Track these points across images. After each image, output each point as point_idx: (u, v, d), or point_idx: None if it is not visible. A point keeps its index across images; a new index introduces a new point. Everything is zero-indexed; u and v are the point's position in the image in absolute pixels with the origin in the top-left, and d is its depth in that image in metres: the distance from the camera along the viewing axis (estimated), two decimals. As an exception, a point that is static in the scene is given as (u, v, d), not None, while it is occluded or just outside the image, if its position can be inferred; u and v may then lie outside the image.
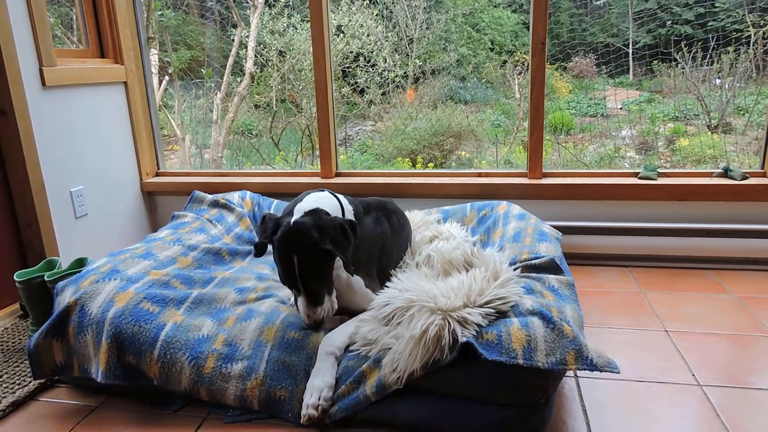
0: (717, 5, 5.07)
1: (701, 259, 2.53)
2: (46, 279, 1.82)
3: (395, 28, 5.16)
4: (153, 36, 4.26)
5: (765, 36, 4.46)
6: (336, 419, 1.43)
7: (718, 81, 4.81)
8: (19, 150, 2.23)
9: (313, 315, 1.53)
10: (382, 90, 5.17)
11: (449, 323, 1.40)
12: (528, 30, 2.54)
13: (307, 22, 4.14)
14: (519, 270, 1.78)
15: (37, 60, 2.31)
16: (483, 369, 1.35)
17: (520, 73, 5.18)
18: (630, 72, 5.57)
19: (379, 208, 1.96)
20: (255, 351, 1.54)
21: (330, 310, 1.59)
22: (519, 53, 5.49)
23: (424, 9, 5.27)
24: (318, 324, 1.55)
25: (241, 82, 4.70)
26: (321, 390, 1.44)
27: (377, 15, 5.02)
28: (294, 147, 5.11)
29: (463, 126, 5.00)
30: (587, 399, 1.55)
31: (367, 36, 4.97)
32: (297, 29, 4.85)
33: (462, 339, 1.36)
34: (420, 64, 5.26)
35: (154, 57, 4.23)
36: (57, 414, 1.57)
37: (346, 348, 1.55)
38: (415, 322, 1.43)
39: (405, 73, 5.23)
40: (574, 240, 2.58)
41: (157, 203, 3.07)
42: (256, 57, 4.69)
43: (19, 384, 1.69)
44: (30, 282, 1.84)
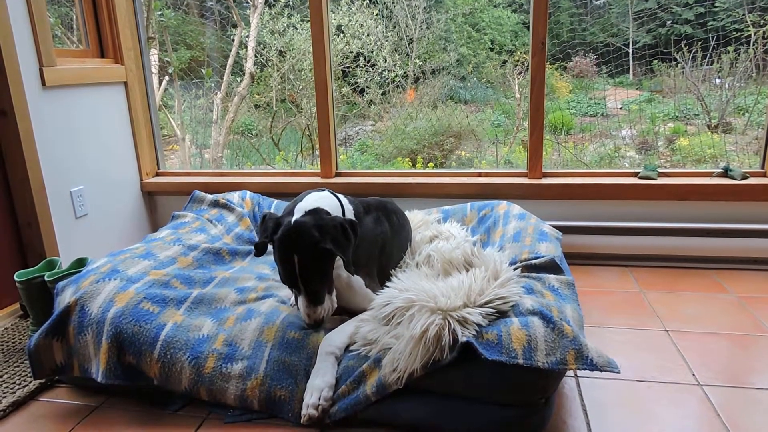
0: (717, 5, 5.07)
1: (701, 259, 2.53)
2: (46, 279, 1.82)
3: (395, 27, 5.16)
4: (153, 36, 4.26)
5: (765, 35, 4.46)
6: (336, 419, 1.43)
7: (718, 81, 4.81)
8: (19, 150, 2.23)
9: (314, 314, 1.53)
10: (382, 90, 5.17)
11: (449, 323, 1.40)
12: (528, 30, 2.54)
13: (307, 21, 4.14)
14: (519, 270, 1.78)
15: (37, 60, 2.31)
16: (483, 369, 1.35)
17: (520, 73, 5.18)
18: (630, 72, 5.57)
19: (379, 207, 1.96)
20: (255, 351, 1.54)
21: (330, 309, 1.59)
22: (519, 53, 5.49)
23: (424, 9, 5.27)
24: (318, 323, 1.55)
25: (241, 82, 4.70)
26: (321, 390, 1.44)
27: (377, 15, 5.02)
28: (294, 147, 5.11)
29: (463, 126, 5.00)
30: (587, 399, 1.55)
31: (367, 36, 4.97)
32: (297, 29, 4.85)
33: (462, 339, 1.36)
34: (420, 63, 5.26)
35: (154, 57, 4.23)
36: (57, 414, 1.57)
37: (346, 348, 1.55)
38: (416, 321, 1.43)
39: (405, 73, 5.23)
40: (574, 240, 2.58)
41: (157, 203, 3.07)
42: (256, 57, 4.69)
43: (20, 384, 1.69)
44: (30, 282, 1.84)
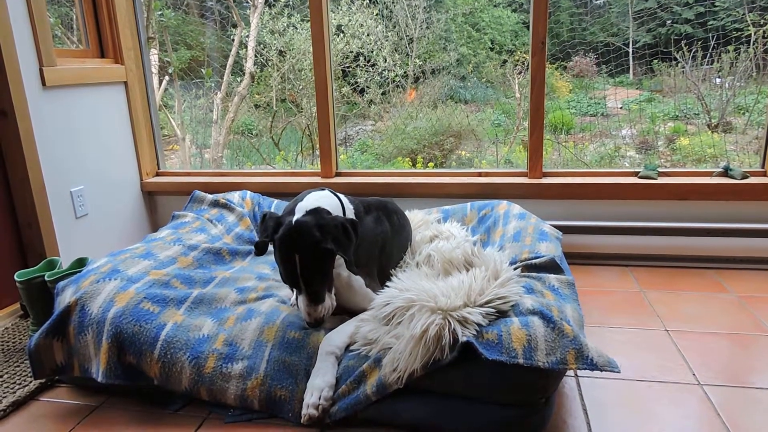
0: (717, 4, 5.07)
1: (701, 259, 2.53)
2: (46, 279, 1.82)
3: (395, 27, 5.16)
4: (153, 36, 4.26)
5: (765, 35, 4.46)
6: (336, 419, 1.43)
7: (718, 80, 4.81)
8: (20, 150, 2.23)
9: (314, 313, 1.53)
10: (382, 89, 5.17)
11: (449, 323, 1.40)
12: (528, 29, 2.54)
13: (307, 21, 4.14)
14: (519, 269, 1.78)
15: (37, 60, 2.31)
16: (483, 368, 1.35)
17: (520, 73, 5.18)
18: (630, 71, 5.58)
19: (380, 207, 1.96)
20: (255, 351, 1.54)
21: (330, 307, 1.59)
22: (519, 53, 5.49)
23: (424, 8, 5.27)
24: (319, 322, 1.55)
25: (241, 81, 4.70)
26: (321, 389, 1.44)
27: (377, 15, 5.02)
28: (294, 147, 5.12)
29: (464, 125, 5.00)
30: (587, 398, 1.55)
31: (367, 36, 4.97)
32: (297, 29, 4.85)
33: (462, 338, 1.36)
34: (420, 63, 5.26)
35: (154, 57, 4.23)
36: (57, 414, 1.57)
37: (346, 348, 1.55)
38: (416, 321, 1.43)
39: (405, 73, 5.23)
40: (574, 239, 2.58)
41: (158, 203, 3.07)
42: (256, 57, 4.69)
43: (20, 384, 1.69)
44: (30, 282, 1.84)
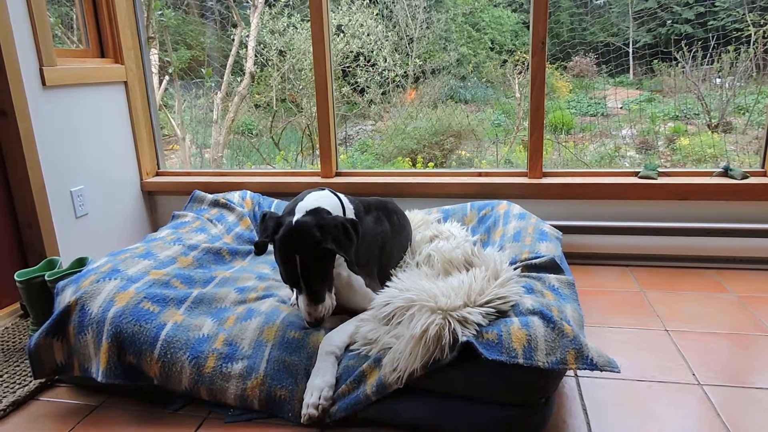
0: (717, 4, 5.07)
1: (701, 259, 2.53)
2: (46, 279, 1.82)
3: (395, 27, 5.16)
4: (153, 36, 4.26)
5: (765, 35, 4.46)
6: (336, 418, 1.43)
7: (718, 80, 4.81)
8: (20, 150, 2.23)
9: (315, 313, 1.53)
10: (382, 89, 5.17)
11: (449, 323, 1.40)
12: (528, 29, 2.53)
13: (307, 21, 4.14)
14: (519, 269, 1.78)
15: (38, 60, 2.31)
16: (483, 368, 1.35)
17: (520, 73, 5.18)
18: (630, 71, 5.58)
19: (380, 207, 1.96)
20: (255, 350, 1.54)
21: (330, 307, 1.59)
22: (519, 52, 5.49)
23: (424, 8, 5.27)
24: (319, 321, 1.55)
25: (242, 81, 4.70)
26: (321, 389, 1.44)
27: (377, 14, 5.02)
28: (294, 146, 5.12)
29: (464, 125, 5.00)
30: (587, 398, 1.55)
31: (367, 35, 4.97)
32: (297, 29, 4.85)
33: (462, 338, 1.36)
34: (420, 63, 5.26)
35: (154, 57, 4.23)
36: (57, 413, 1.57)
37: (346, 347, 1.55)
38: (416, 321, 1.43)
39: (405, 73, 5.23)
40: (574, 239, 2.58)
41: (158, 203, 3.07)
42: (256, 56, 4.69)
43: (20, 383, 1.69)
44: (30, 282, 1.84)
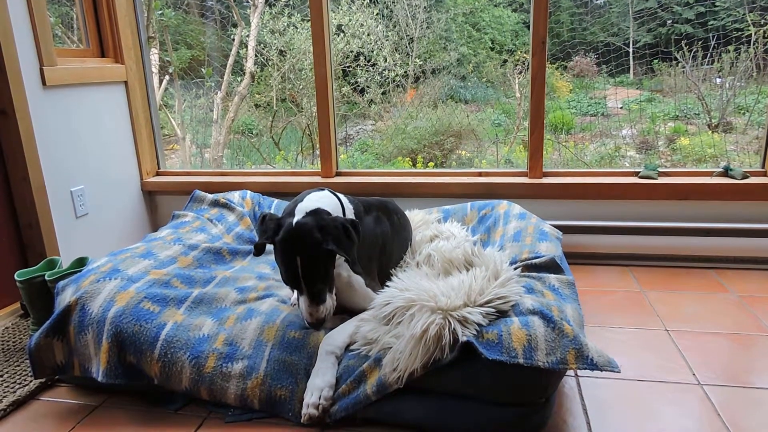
0: (717, 4, 5.07)
1: (702, 259, 2.53)
2: (46, 278, 1.82)
3: (395, 27, 5.15)
4: (153, 35, 4.26)
5: (765, 35, 4.46)
6: (336, 418, 1.43)
7: (718, 80, 4.81)
8: (20, 149, 2.23)
9: (316, 313, 1.53)
10: (382, 89, 5.17)
11: (450, 322, 1.40)
12: (528, 29, 2.53)
13: (308, 21, 4.14)
14: (519, 269, 1.78)
15: (38, 59, 2.31)
16: (483, 368, 1.35)
17: (520, 73, 5.18)
18: (630, 71, 5.57)
19: (380, 207, 1.96)
20: (255, 350, 1.54)
21: (331, 308, 1.59)
22: (519, 52, 5.49)
23: (424, 8, 5.27)
24: (320, 322, 1.55)
25: (242, 81, 4.70)
26: (321, 389, 1.44)
27: (377, 14, 5.02)
28: (294, 146, 5.11)
29: (464, 125, 5.00)
30: (588, 398, 1.55)
31: (368, 35, 4.97)
32: (297, 28, 4.85)
33: (462, 338, 1.36)
34: (420, 63, 5.26)
35: (154, 56, 4.23)
36: (58, 413, 1.57)
37: (346, 347, 1.55)
38: (416, 321, 1.43)
39: (405, 73, 5.22)
40: (574, 239, 2.58)
41: (158, 203, 3.07)
42: (256, 56, 4.69)
43: (20, 383, 1.69)
44: (31, 281, 1.84)
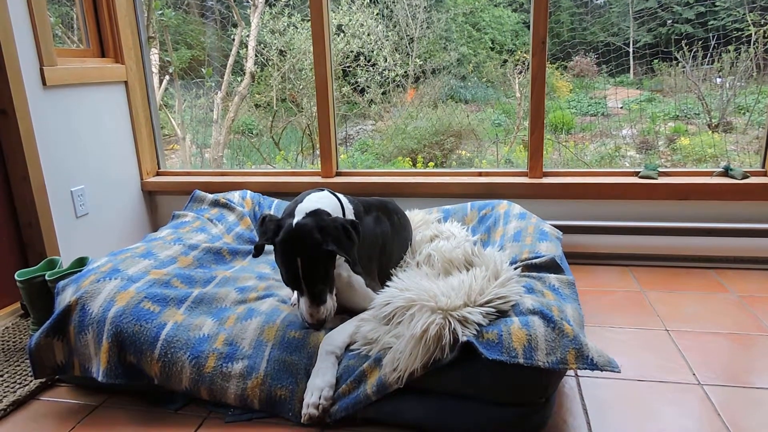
0: (717, 4, 5.07)
1: (702, 259, 2.53)
2: (46, 278, 1.82)
3: (396, 27, 5.15)
4: (153, 35, 4.26)
5: (766, 35, 4.46)
6: (336, 418, 1.43)
7: (718, 80, 4.81)
8: (20, 149, 2.23)
9: (317, 314, 1.53)
10: (382, 89, 5.17)
11: (450, 322, 1.40)
12: (528, 29, 2.53)
13: (308, 21, 4.14)
14: (519, 269, 1.78)
15: (38, 59, 2.31)
16: (483, 368, 1.35)
17: (520, 72, 5.18)
18: (630, 71, 5.57)
19: (380, 207, 1.96)
20: (255, 350, 1.54)
21: (332, 309, 1.59)
22: (519, 52, 5.48)
23: (424, 8, 5.27)
24: (321, 323, 1.55)
25: (242, 81, 4.70)
26: (322, 389, 1.44)
27: (377, 14, 5.02)
28: (294, 146, 5.11)
29: (464, 125, 5.00)
30: (588, 398, 1.55)
31: (368, 35, 4.96)
32: (297, 28, 4.85)
33: (462, 338, 1.36)
34: (420, 63, 5.26)
35: (154, 56, 4.23)
36: (58, 413, 1.57)
37: (346, 347, 1.55)
38: (416, 321, 1.43)
39: (405, 73, 5.22)
40: (574, 239, 2.58)
41: (158, 203, 3.07)
42: (256, 56, 4.69)
43: (20, 383, 1.69)
44: (31, 281, 1.84)
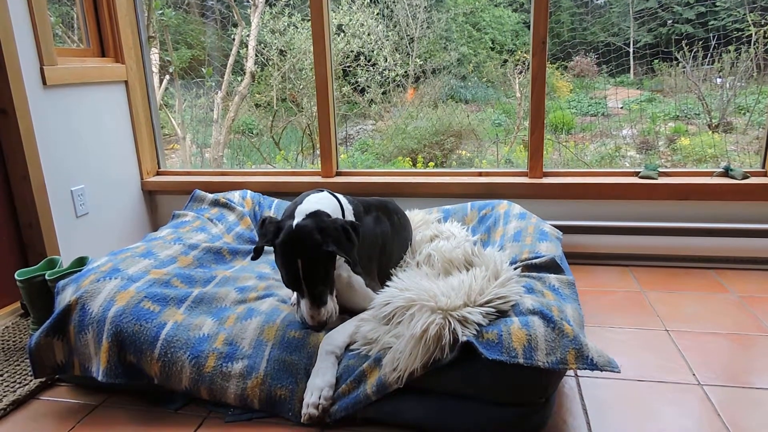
0: (718, 4, 5.07)
1: (702, 259, 2.53)
2: (47, 278, 1.82)
3: (396, 27, 5.15)
4: (154, 35, 4.26)
5: (766, 35, 4.45)
6: (336, 418, 1.44)
7: (718, 80, 4.81)
8: (20, 149, 2.23)
9: (318, 316, 1.53)
10: (382, 89, 5.17)
11: (450, 322, 1.40)
12: (529, 29, 2.53)
13: (308, 21, 4.14)
14: (519, 269, 1.78)
15: (38, 59, 2.31)
16: (483, 368, 1.35)
17: (520, 72, 5.17)
18: (631, 71, 5.57)
19: (380, 207, 1.96)
20: (255, 350, 1.54)
21: (334, 312, 1.58)
22: (520, 52, 5.48)
23: (424, 8, 5.27)
24: (322, 325, 1.54)
25: (242, 81, 4.70)
26: (321, 389, 1.44)
27: (378, 14, 5.02)
28: (294, 146, 5.11)
29: (464, 125, 5.00)
30: (588, 398, 1.55)
31: (368, 35, 4.96)
32: (297, 28, 4.85)
33: (462, 338, 1.36)
34: (420, 63, 5.26)
35: (154, 56, 4.22)
36: (58, 412, 1.57)
37: (346, 347, 1.55)
38: (416, 321, 1.43)
39: (405, 72, 5.22)
40: (574, 239, 2.58)
41: (158, 202, 3.07)
42: (256, 56, 4.69)
43: (20, 383, 1.69)
44: (31, 281, 1.84)
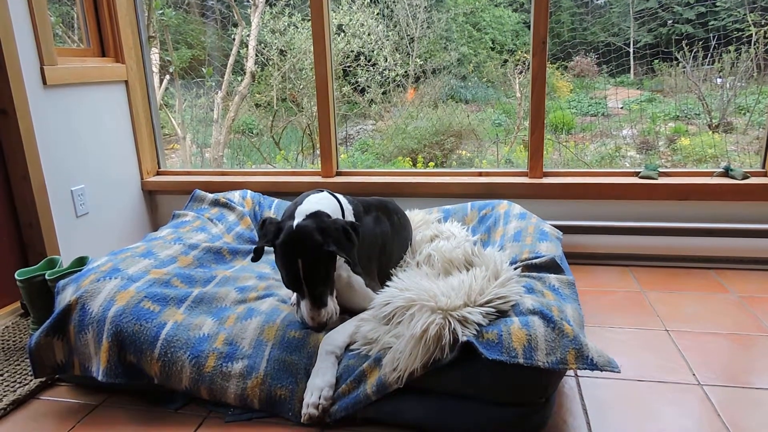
0: (718, 4, 5.07)
1: (702, 259, 2.53)
2: (47, 278, 1.82)
3: (396, 27, 5.15)
4: (154, 35, 4.26)
5: (766, 35, 4.45)
6: (336, 418, 1.44)
7: (719, 80, 4.81)
8: (20, 149, 2.23)
9: (318, 317, 1.53)
10: (382, 89, 5.17)
11: (450, 322, 1.40)
12: (529, 29, 2.53)
13: (308, 20, 4.14)
14: (519, 269, 1.78)
15: (38, 59, 2.31)
16: (483, 368, 1.35)
17: (520, 72, 5.18)
18: (631, 71, 5.57)
19: (380, 207, 1.96)
20: (255, 350, 1.54)
21: (334, 313, 1.58)
22: (520, 52, 5.48)
23: (424, 8, 5.27)
24: (322, 326, 1.54)
25: (242, 81, 4.70)
26: (321, 389, 1.44)
27: (378, 14, 5.02)
28: (295, 146, 5.12)
29: (464, 125, 5.00)
30: (588, 398, 1.55)
31: (368, 35, 4.96)
32: (298, 28, 4.85)
33: (462, 338, 1.36)
34: (421, 63, 5.26)
35: (155, 56, 4.23)
36: (58, 412, 1.57)
37: (346, 347, 1.55)
38: (416, 321, 1.43)
39: (406, 72, 5.22)
40: (574, 239, 2.58)
41: (158, 202, 3.07)
42: (256, 56, 4.69)
43: (20, 382, 1.69)
44: (31, 281, 1.84)
